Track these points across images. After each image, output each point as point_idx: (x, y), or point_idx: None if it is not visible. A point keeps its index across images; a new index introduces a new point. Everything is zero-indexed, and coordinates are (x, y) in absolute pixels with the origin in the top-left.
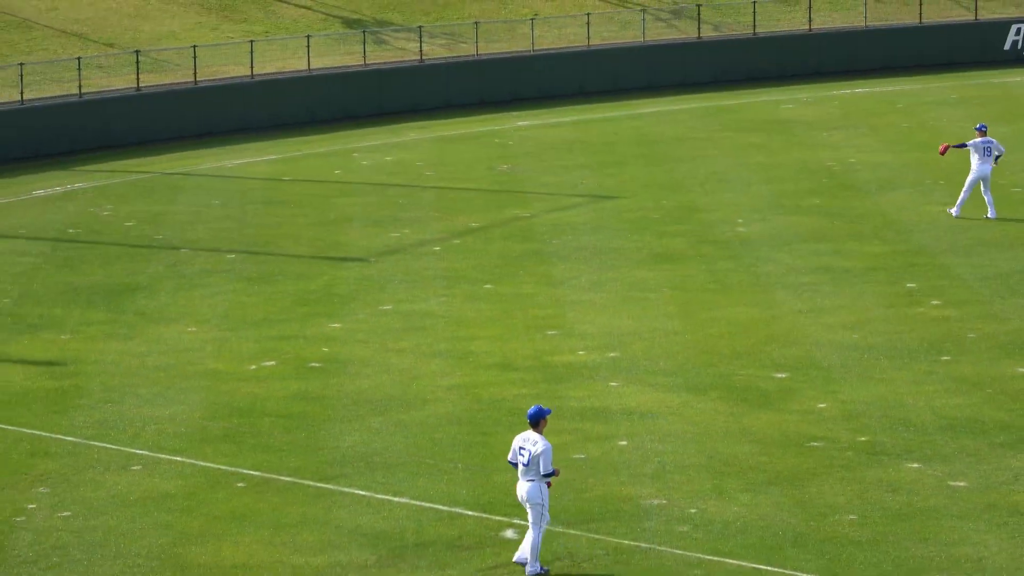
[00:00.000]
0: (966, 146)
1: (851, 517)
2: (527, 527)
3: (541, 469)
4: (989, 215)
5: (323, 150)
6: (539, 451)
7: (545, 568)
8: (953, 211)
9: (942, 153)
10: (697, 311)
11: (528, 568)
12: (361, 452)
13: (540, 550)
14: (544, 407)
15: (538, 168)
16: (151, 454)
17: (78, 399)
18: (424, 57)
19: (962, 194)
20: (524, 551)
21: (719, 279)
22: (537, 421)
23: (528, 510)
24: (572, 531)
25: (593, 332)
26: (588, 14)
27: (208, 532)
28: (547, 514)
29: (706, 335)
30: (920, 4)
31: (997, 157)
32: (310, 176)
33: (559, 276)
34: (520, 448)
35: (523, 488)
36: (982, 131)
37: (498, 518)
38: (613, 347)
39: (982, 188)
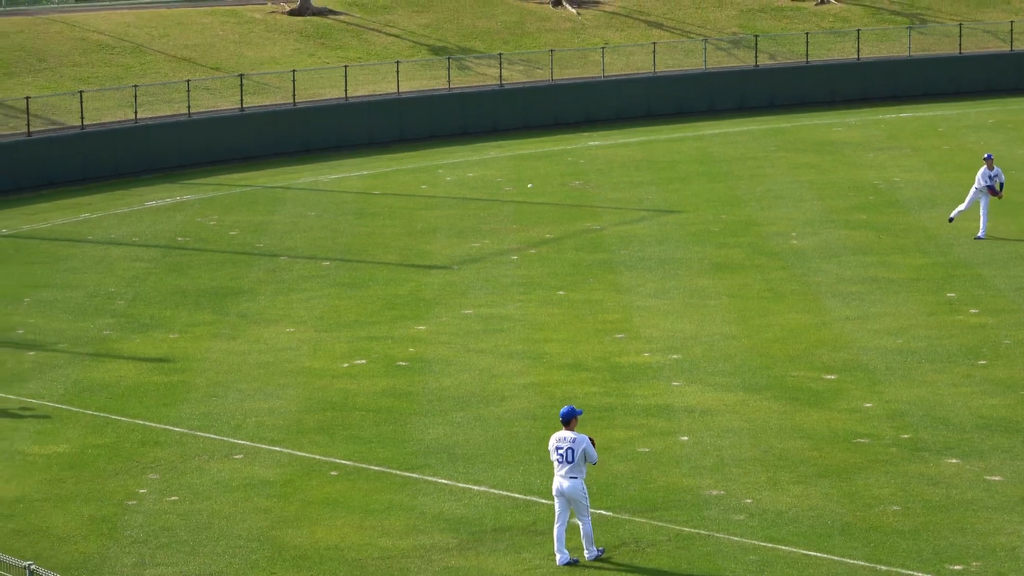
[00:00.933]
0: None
1: (894, 508)
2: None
3: (589, 459)
4: (952, 216)
5: (410, 167)
6: (582, 448)
7: (601, 549)
8: (979, 235)
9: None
10: (753, 317)
11: (587, 553)
12: (444, 444)
13: (593, 535)
14: (576, 408)
15: (607, 184)
16: (251, 444)
17: (185, 393)
18: (503, 82)
19: (982, 218)
20: (565, 553)
21: (774, 288)
22: (569, 420)
23: (573, 507)
24: (637, 519)
25: (657, 336)
26: (654, 43)
27: (303, 516)
28: (587, 501)
29: (761, 339)
30: (960, 36)
31: (1002, 185)
32: (398, 190)
33: (626, 284)
34: (557, 447)
35: (565, 485)
36: (988, 160)
37: None
38: (676, 350)
39: (966, 205)
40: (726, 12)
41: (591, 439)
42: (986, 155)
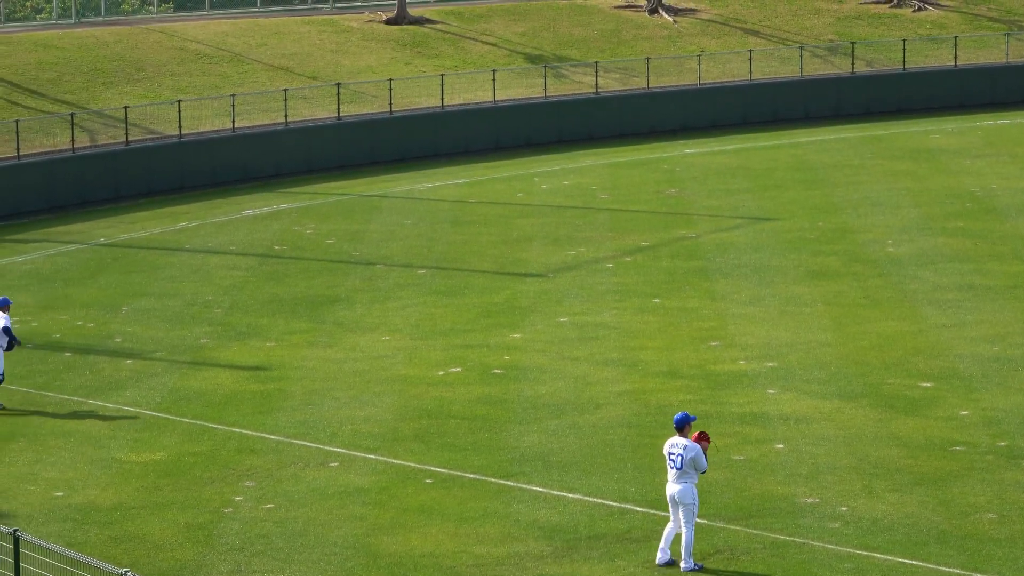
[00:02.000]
0: None
1: (991, 516)
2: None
3: (698, 468)
4: None
5: (506, 175)
6: (691, 456)
7: (700, 564)
8: None
9: None
10: (849, 324)
11: (683, 564)
12: (539, 452)
13: (693, 547)
14: (690, 414)
15: (703, 192)
16: (347, 452)
17: (282, 401)
18: (599, 90)
19: None
20: (666, 552)
21: (870, 295)
22: (682, 427)
23: (680, 511)
24: (732, 526)
25: (752, 343)
26: (750, 51)
27: (398, 524)
28: (695, 508)
29: (857, 347)
30: None
31: None
32: (494, 198)
33: (721, 291)
34: (670, 453)
35: (675, 489)
36: None
37: (664, 514)
38: (771, 357)
39: None
40: (823, 19)
41: (706, 437)
42: None
